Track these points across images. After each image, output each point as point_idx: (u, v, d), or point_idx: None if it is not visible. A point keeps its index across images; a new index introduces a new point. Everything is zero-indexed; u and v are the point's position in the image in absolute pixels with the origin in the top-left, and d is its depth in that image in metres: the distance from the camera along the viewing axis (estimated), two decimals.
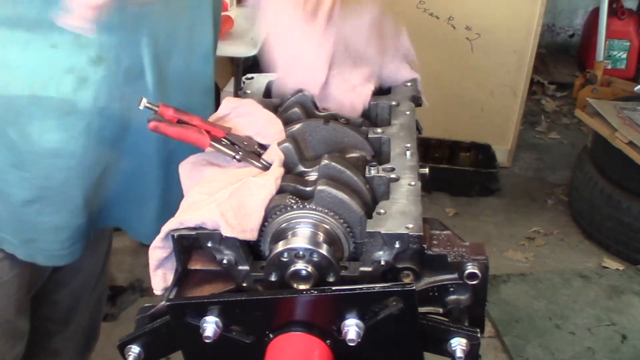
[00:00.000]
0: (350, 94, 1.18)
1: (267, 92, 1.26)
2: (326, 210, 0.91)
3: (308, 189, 0.97)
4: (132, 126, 1.21)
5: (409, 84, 1.28)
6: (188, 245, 0.91)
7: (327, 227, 0.91)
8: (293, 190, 0.96)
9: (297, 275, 0.87)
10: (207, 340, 0.83)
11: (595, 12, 4.48)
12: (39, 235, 1.23)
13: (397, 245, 0.86)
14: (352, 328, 0.81)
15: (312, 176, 1.02)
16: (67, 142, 1.14)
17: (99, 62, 1.12)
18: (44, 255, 1.26)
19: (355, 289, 0.82)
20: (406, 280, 0.88)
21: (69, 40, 1.09)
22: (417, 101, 1.24)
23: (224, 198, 0.91)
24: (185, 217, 0.90)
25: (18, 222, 1.21)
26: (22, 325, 1.40)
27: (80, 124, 1.14)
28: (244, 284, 0.91)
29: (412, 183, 0.96)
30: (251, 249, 0.93)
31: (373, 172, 0.99)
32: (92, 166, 1.20)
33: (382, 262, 0.87)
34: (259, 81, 1.28)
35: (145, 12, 1.14)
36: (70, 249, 1.27)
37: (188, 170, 1.06)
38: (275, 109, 1.16)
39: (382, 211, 0.90)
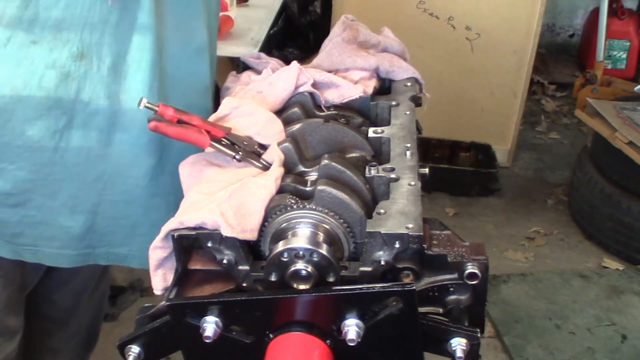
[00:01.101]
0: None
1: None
2: (326, 210, 0.91)
3: (308, 189, 0.97)
4: (128, 132, 1.18)
5: (409, 84, 1.28)
6: (188, 245, 0.91)
7: (327, 227, 0.91)
8: (293, 190, 0.96)
9: (297, 275, 0.87)
10: (207, 340, 0.83)
11: (595, 12, 4.48)
12: (24, 229, 1.21)
13: (397, 245, 0.86)
14: (352, 328, 0.81)
15: (312, 176, 1.02)
16: (50, 137, 1.14)
17: (81, 58, 1.12)
18: (30, 252, 1.24)
19: (355, 289, 0.82)
20: (406, 280, 0.88)
21: (49, 35, 1.10)
22: (417, 101, 1.25)
23: (224, 198, 0.91)
24: (185, 217, 0.90)
25: (2, 215, 1.19)
26: (13, 323, 1.38)
27: (63, 118, 1.14)
28: (244, 284, 0.91)
29: (412, 183, 0.96)
30: (251, 249, 0.93)
31: (373, 172, 0.99)
32: (79, 163, 1.18)
33: (382, 262, 0.87)
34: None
35: (129, 8, 1.13)
36: (58, 251, 1.24)
37: (188, 170, 1.06)
38: None
39: (382, 211, 0.90)
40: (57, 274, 1.47)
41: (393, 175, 0.98)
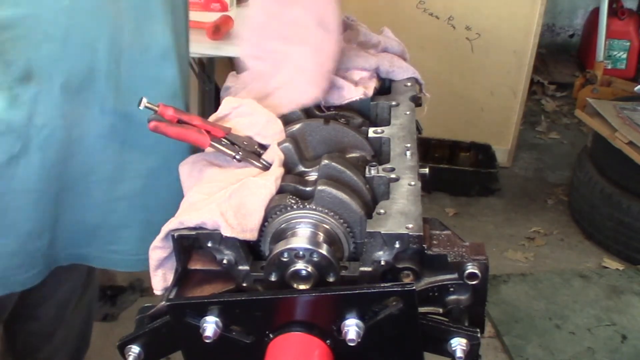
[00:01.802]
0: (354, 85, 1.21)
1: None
2: (326, 210, 0.91)
3: (308, 189, 0.97)
4: (83, 142, 1.14)
5: (409, 84, 1.28)
6: (188, 245, 0.91)
7: (327, 227, 0.91)
8: (293, 190, 0.96)
9: (297, 275, 0.87)
10: (207, 340, 0.83)
11: (595, 12, 4.48)
12: None
13: (397, 245, 0.86)
14: (352, 328, 0.81)
15: (312, 176, 1.02)
16: (7, 164, 1.08)
17: (28, 80, 1.05)
18: (1, 285, 1.18)
19: (355, 289, 0.82)
20: (406, 280, 0.88)
21: None
22: (417, 101, 1.25)
23: (224, 198, 0.91)
24: (185, 217, 0.90)
25: None
26: None
27: (18, 143, 1.08)
28: (244, 284, 0.91)
29: (412, 183, 0.96)
30: (251, 249, 0.93)
31: (373, 172, 0.98)
32: (41, 188, 1.13)
33: (382, 262, 0.87)
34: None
35: (77, 22, 1.06)
36: (25, 275, 1.19)
37: (188, 170, 1.06)
38: None
39: (382, 211, 0.90)
40: (34, 295, 1.40)
41: (393, 175, 0.98)
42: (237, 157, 1.03)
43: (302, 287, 0.87)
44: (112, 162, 1.19)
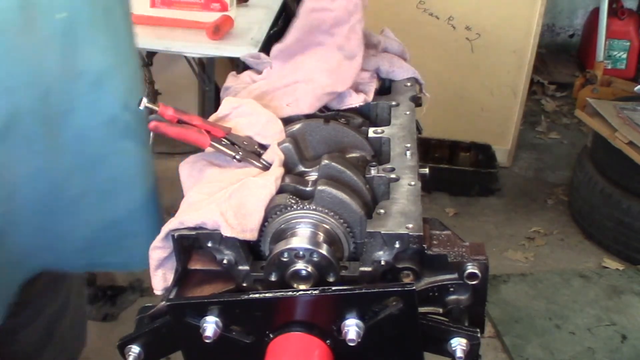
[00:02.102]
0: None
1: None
2: (326, 210, 0.91)
3: (308, 189, 0.97)
4: (16, 184, 1.07)
5: (409, 84, 1.28)
6: (188, 245, 0.91)
7: (327, 227, 0.91)
8: (293, 190, 0.96)
9: (297, 275, 0.87)
10: (207, 340, 0.83)
11: (595, 12, 4.48)
12: None
13: (397, 245, 0.86)
14: (352, 328, 0.81)
15: (312, 176, 1.02)
16: None
17: None
18: None
19: (355, 289, 0.82)
20: (406, 280, 0.88)
21: None
22: (417, 101, 1.25)
23: (224, 198, 0.91)
24: (185, 217, 0.90)
25: None
26: None
27: None
28: (244, 284, 0.91)
29: (412, 183, 0.96)
30: (251, 249, 0.93)
31: (373, 172, 0.99)
32: None
33: (382, 262, 0.87)
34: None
35: None
36: None
37: (188, 170, 1.06)
38: None
39: (382, 211, 0.90)
40: (14, 320, 1.33)
41: (393, 175, 0.98)
42: (237, 157, 1.03)
43: (302, 287, 0.87)
44: (47, 192, 1.12)
